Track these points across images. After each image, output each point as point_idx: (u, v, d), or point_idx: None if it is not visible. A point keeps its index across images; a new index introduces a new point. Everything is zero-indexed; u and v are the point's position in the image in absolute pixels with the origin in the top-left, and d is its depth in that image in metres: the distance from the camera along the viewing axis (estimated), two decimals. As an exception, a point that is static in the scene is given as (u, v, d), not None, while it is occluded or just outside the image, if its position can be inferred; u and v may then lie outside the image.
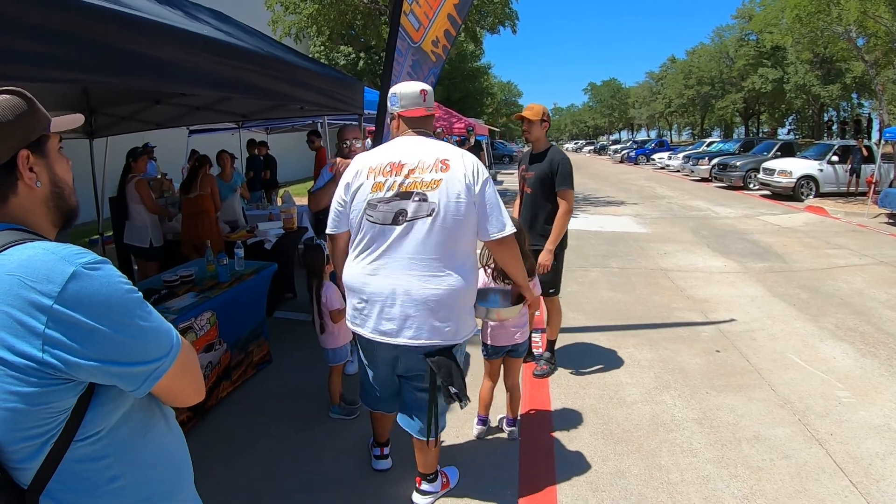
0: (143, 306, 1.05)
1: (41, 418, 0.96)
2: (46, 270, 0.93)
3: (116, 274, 1.03)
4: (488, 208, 2.33)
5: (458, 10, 4.94)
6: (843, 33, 17.23)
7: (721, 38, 46.11)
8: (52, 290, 0.92)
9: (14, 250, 0.97)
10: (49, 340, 0.91)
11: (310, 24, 17.11)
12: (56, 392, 0.95)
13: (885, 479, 2.94)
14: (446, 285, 2.33)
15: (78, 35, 1.97)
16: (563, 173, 3.90)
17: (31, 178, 1.08)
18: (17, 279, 0.92)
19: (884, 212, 11.62)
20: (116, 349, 0.98)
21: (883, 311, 5.61)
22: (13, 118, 1.05)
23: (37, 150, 1.10)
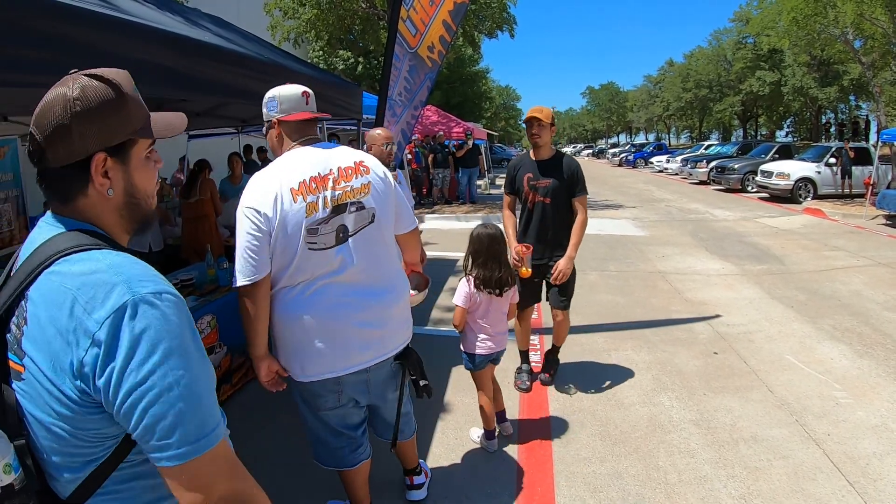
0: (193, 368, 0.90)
1: (87, 442, 0.89)
2: (103, 293, 0.85)
3: (178, 314, 0.90)
4: (399, 205, 2.33)
5: (453, 16, 4.98)
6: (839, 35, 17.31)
7: (719, 41, 46.28)
8: (102, 316, 0.83)
9: (77, 259, 0.89)
10: (86, 366, 0.84)
11: (308, 29, 17.18)
12: (99, 419, 0.88)
13: (883, 478, 2.96)
14: (400, 287, 2.33)
15: (78, 42, 1.99)
16: (582, 180, 3.78)
17: (104, 186, 0.97)
18: (72, 296, 0.85)
19: (882, 213, 11.65)
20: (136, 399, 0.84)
21: (881, 313, 5.63)
22: (97, 113, 0.93)
23: (117, 154, 0.97)
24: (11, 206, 4.29)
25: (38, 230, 0.98)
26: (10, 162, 4.27)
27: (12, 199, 4.31)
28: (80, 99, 0.92)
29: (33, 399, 0.89)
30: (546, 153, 3.80)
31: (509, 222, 3.99)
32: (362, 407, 2.41)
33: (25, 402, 0.90)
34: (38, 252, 0.92)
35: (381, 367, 2.29)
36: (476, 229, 3.15)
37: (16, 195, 4.33)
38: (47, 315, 0.86)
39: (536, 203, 3.80)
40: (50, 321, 0.85)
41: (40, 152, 0.93)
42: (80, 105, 0.91)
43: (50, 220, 0.99)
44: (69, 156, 0.93)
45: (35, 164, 0.97)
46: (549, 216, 3.78)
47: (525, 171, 3.84)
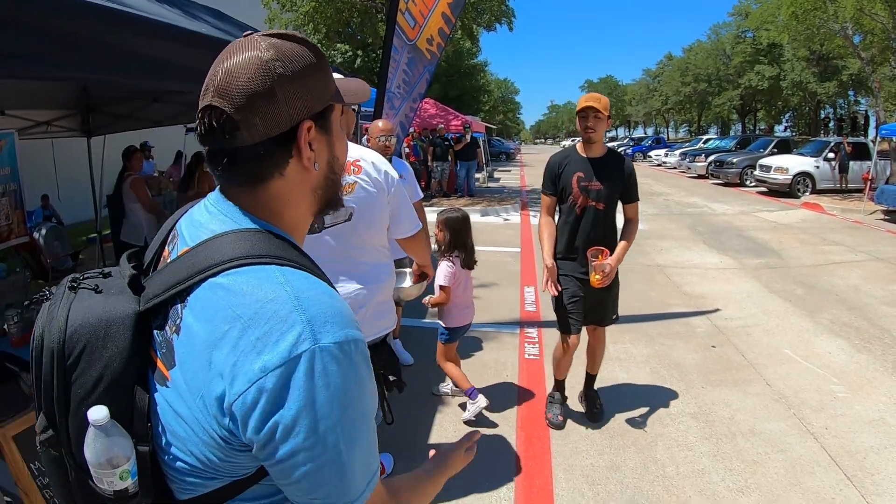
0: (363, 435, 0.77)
1: (229, 468, 0.78)
2: (279, 333, 0.70)
3: (358, 368, 0.76)
4: (396, 207, 2.36)
5: (452, 8, 4.96)
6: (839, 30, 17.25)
7: (718, 35, 46.19)
8: (272, 361, 0.69)
9: (254, 277, 0.75)
10: (238, 410, 0.71)
11: (306, 22, 17.11)
12: (240, 456, 0.76)
13: (880, 472, 2.97)
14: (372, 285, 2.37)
15: (76, 33, 1.98)
16: (637, 184, 3.31)
17: (310, 159, 0.84)
18: (241, 326, 0.71)
19: (880, 208, 11.66)
20: (291, 465, 0.73)
21: (878, 307, 5.65)
22: (301, 74, 0.80)
23: (320, 122, 0.85)
24: (9, 201, 4.26)
25: (208, 214, 0.85)
26: (8, 156, 4.24)
27: (10, 194, 4.28)
28: (279, 60, 0.78)
29: (174, 412, 0.78)
30: (599, 150, 3.25)
31: (547, 230, 3.31)
32: None
33: (165, 410, 0.79)
34: (207, 249, 0.79)
35: None
36: (447, 216, 3.47)
37: (13, 189, 4.30)
38: (205, 335, 0.74)
39: (588, 208, 3.21)
40: (206, 345, 0.73)
41: (231, 126, 0.78)
42: (281, 67, 0.78)
43: (222, 205, 0.85)
44: (271, 127, 0.79)
45: (217, 142, 0.81)
46: (601, 224, 3.22)
47: (574, 170, 3.23)
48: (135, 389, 0.79)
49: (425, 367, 4.12)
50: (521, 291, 6.39)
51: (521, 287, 6.57)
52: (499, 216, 12.41)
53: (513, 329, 5.15)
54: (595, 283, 3.08)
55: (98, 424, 0.73)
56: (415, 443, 3.31)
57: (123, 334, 0.78)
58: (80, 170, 6.43)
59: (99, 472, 0.76)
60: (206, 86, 0.80)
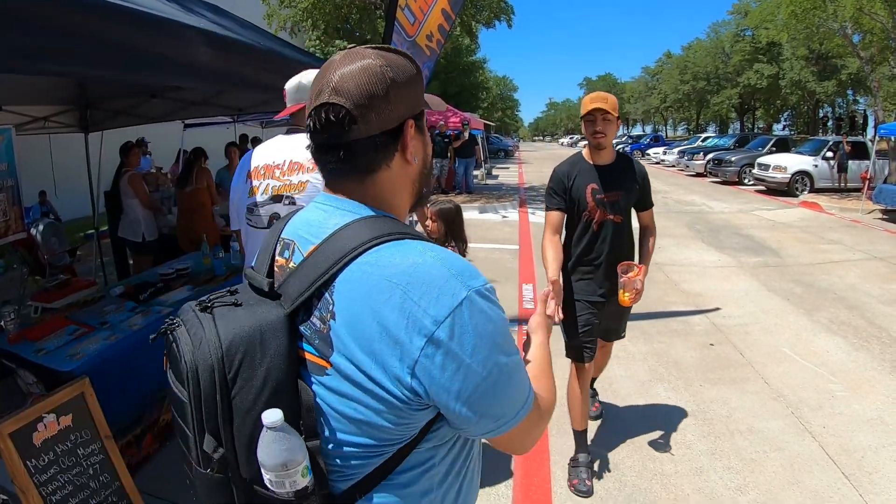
0: (515, 353, 0.89)
1: (395, 435, 0.86)
2: (436, 288, 0.80)
3: (501, 308, 0.88)
4: None
5: (452, 5, 4.95)
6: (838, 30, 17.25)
7: (717, 33, 46.11)
8: (438, 313, 0.79)
9: (395, 250, 0.85)
10: (420, 366, 0.79)
11: (305, 18, 17.07)
12: (416, 414, 0.85)
13: (878, 471, 2.97)
14: None
15: (73, 29, 1.96)
16: (650, 188, 3.01)
17: (412, 153, 0.95)
18: (401, 291, 0.80)
19: (878, 208, 11.67)
20: (476, 394, 0.83)
21: (876, 306, 5.65)
22: (406, 80, 0.92)
23: (418, 122, 0.97)
24: (6, 197, 4.23)
25: (322, 213, 0.95)
26: (5, 151, 4.21)
27: (7, 190, 4.25)
28: (389, 66, 0.90)
29: (340, 395, 0.84)
30: (609, 156, 2.85)
31: (553, 250, 2.76)
32: None
33: (328, 398, 0.85)
34: (339, 240, 0.87)
35: None
36: (440, 207, 3.33)
37: (10, 185, 4.27)
38: (367, 310, 0.81)
39: (605, 223, 2.83)
40: (372, 317, 0.80)
41: (349, 120, 0.88)
42: (391, 72, 0.90)
43: (336, 201, 0.95)
44: (383, 123, 0.90)
45: (334, 135, 0.90)
46: (621, 238, 2.88)
47: (586, 181, 2.82)
48: (298, 387, 0.85)
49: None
50: (520, 289, 6.39)
51: (520, 284, 6.57)
52: (497, 213, 12.41)
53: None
54: (626, 301, 2.71)
55: (275, 426, 0.77)
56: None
57: (279, 337, 0.84)
58: (77, 166, 6.40)
59: (280, 475, 0.79)
60: (321, 88, 0.90)
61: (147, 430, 3.11)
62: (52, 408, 2.29)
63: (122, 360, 2.90)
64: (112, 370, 2.80)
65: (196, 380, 0.81)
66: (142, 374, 3.08)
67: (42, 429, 2.23)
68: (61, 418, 2.31)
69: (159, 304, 3.46)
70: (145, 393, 3.11)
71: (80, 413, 2.38)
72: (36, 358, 2.77)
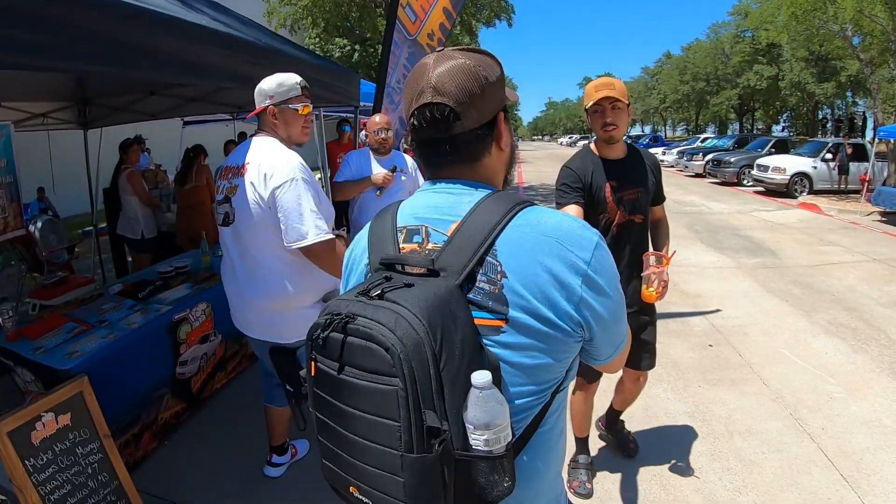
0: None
1: (556, 374, 0.99)
2: (577, 236, 0.96)
3: None
4: (282, 216, 2.22)
5: (454, 3, 4.94)
6: (838, 31, 17.23)
7: (717, 34, 46.06)
8: (586, 255, 0.95)
9: (535, 213, 0.99)
10: (582, 301, 0.94)
11: (305, 16, 17.05)
12: (573, 348, 0.99)
13: (876, 473, 2.97)
14: (258, 291, 2.39)
15: (75, 25, 1.95)
16: (662, 178, 2.71)
17: (505, 141, 1.08)
18: (556, 243, 0.94)
19: (877, 210, 11.69)
20: (615, 316, 1.01)
21: (875, 308, 5.66)
22: (496, 78, 1.03)
23: (506, 115, 1.09)
24: (5, 193, 4.23)
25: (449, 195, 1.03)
26: (4, 148, 4.20)
27: (5, 186, 4.24)
28: (481, 66, 1.00)
29: (516, 349, 0.94)
30: (621, 149, 2.57)
31: None
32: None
33: (504, 354, 0.94)
34: (482, 212, 0.97)
35: (253, 341, 2.62)
36: None
37: (9, 182, 4.26)
38: (534, 262, 0.93)
39: (625, 225, 2.54)
40: (539, 267, 0.93)
41: (454, 117, 0.98)
42: (484, 71, 1.00)
43: (458, 184, 1.05)
44: (481, 117, 1.01)
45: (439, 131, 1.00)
46: (641, 240, 2.63)
47: (603, 179, 2.51)
48: (483, 349, 0.92)
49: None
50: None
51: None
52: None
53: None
54: (651, 296, 2.45)
55: (487, 387, 0.82)
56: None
57: (462, 304, 0.91)
58: (76, 162, 6.39)
59: (497, 431, 0.83)
60: (421, 89, 0.99)
61: (145, 428, 3.10)
62: (50, 406, 2.28)
63: (120, 359, 2.89)
64: (110, 368, 2.79)
65: (408, 359, 0.81)
66: (140, 372, 3.08)
67: (40, 427, 2.23)
68: (60, 417, 2.30)
69: (158, 302, 3.45)
70: (144, 391, 3.11)
71: (78, 412, 2.38)
72: (34, 356, 2.76)
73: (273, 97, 2.36)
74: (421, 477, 0.83)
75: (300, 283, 2.38)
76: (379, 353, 0.82)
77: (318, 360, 0.93)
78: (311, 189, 2.26)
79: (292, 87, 2.39)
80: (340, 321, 0.87)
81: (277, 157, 2.27)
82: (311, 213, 2.22)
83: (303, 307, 2.41)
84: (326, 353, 0.90)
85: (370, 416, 0.86)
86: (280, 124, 2.40)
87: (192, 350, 3.46)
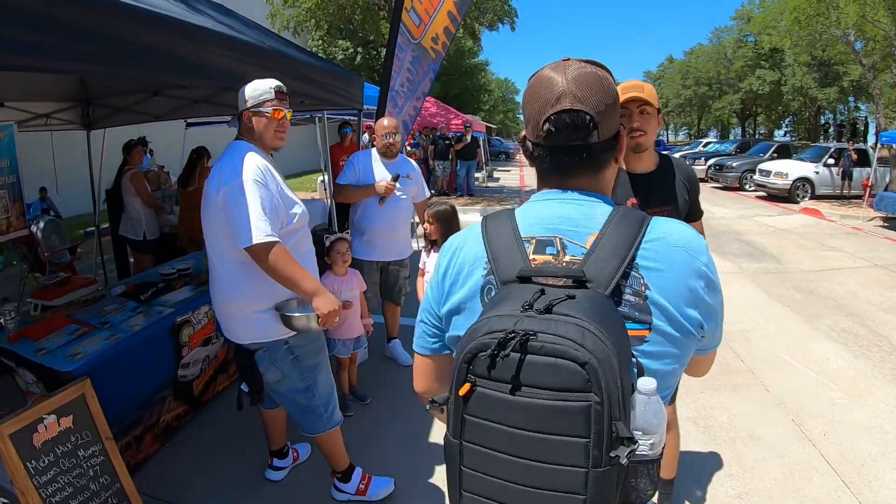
0: None
1: (677, 378, 1.06)
2: (697, 244, 1.01)
3: None
4: (228, 217, 2.21)
5: (458, 7, 4.94)
6: (841, 37, 17.25)
7: (719, 39, 46.14)
8: (705, 258, 1.00)
9: (660, 225, 1.01)
10: (704, 302, 0.99)
11: (308, 18, 17.06)
12: (692, 350, 1.04)
13: (878, 479, 2.97)
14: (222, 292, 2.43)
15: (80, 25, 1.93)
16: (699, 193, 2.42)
17: (622, 153, 1.10)
18: (685, 251, 0.99)
19: (879, 215, 11.68)
20: (722, 307, 1.06)
21: (877, 314, 5.65)
22: (617, 91, 1.05)
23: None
24: (7, 194, 4.23)
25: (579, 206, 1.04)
26: (7, 148, 4.21)
27: (8, 186, 4.25)
28: (609, 79, 1.04)
29: (656, 357, 0.97)
30: (650, 161, 2.35)
31: None
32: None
33: (646, 363, 0.96)
34: (621, 224, 0.99)
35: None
36: (436, 209, 3.50)
37: (12, 182, 4.27)
38: (671, 273, 0.97)
39: None
40: (675, 277, 0.97)
41: (593, 126, 0.99)
42: (613, 84, 1.04)
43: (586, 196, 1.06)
44: (611, 128, 1.04)
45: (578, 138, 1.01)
46: None
47: (625, 194, 2.27)
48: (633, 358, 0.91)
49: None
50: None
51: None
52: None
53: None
54: None
55: (653, 393, 0.85)
56: (416, 440, 3.30)
57: (619, 315, 0.92)
58: (79, 163, 6.39)
59: (661, 436, 0.86)
60: (558, 95, 0.99)
61: (147, 430, 3.10)
62: (52, 409, 2.28)
63: (123, 361, 2.89)
64: (113, 370, 2.79)
65: (604, 373, 0.78)
66: (142, 374, 3.07)
67: (42, 430, 2.23)
68: (62, 419, 2.30)
69: (161, 304, 3.45)
70: (145, 393, 3.10)
71: (80, 414, 2.38)
72: (36, 357, 2.75)
73: (247, 101, 2.39)
74: (603, 490, 0.80)
75: (251, 287, 2.35)
76: (571, 369, 0.78)
77: (477, 384, 0.84)
78: (261, 190, 2.21)
79: (265, 91, 2.39)
80: (520, 339, 0.80)
81: (233, 159, 2.28)
82: (255, 215, 2.17)
83: (254, 311, 2.38)
84: (495, 375, 0.82)
85: (553, 437, 0.80)
86: (254, 129, 2.41)
87: (194, 353, 3.46)
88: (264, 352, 2.46)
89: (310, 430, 2.65)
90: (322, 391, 2.61)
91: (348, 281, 3.54)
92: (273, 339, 2.43)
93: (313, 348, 2.58)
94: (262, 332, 2.41)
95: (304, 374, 2.53)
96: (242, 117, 2.41)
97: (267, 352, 2.46)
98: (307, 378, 2.55)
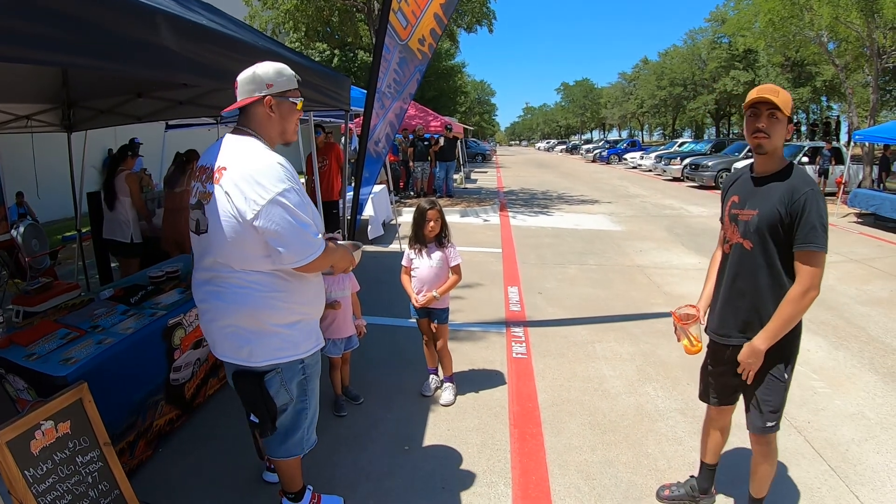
0: None
1: None
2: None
3: None
4: (273, 237, 1.98)
5: (445, 9, 4.98)
6: (814, 38, 17.64)
7: (694, 40, 46.83)
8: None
9: None
10: None
11: (286, 20, 16.99)
12: None
13: (862, 463, 3.07)
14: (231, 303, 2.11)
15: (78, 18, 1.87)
16: (815, 217, 2.11)
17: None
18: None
19: (853, 211, 11.97)
20: None
21: (854, 307, 5.80)
22: None
23: None
24: (-12, 197, 4.17)
25: None
26: (-14, 151, 4.15)
27: (-12, 190, 4.19)
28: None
29: None
30: (772, 164, 2.27)
31: (711, 267, 2.65)
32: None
33: None
34: None
35: (225, 364, 2.35)
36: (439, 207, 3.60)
37: (-8, 185, 4.22)
38: None
39: (735, 246, 2.35)
40: None
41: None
42: None
43: None
44: None
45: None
46: (748, 272, 2.32)
47: (733, 192, 2.39)
48: None
49: (420, 366, 4.14)
50: (505, 291, 6.43)
51: (505, 287, 6.60)
52: (478, 217, 12.45)
53: (499, 329, 5.17)
54: (685, 347, 2.58)
55: None
56: (409, 442, 3.32)
57: None
58: (59, 166, 6.29)
59: None
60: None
61: (140, 436, 3.07)
62: (49, 414, 2.21)
63: (116, 365, 2.85)
64: (107, 375, 2.75)
65: None
66: (135, 378, 3.04)
67: (40, 436, 2.16)
68: (59, 425, 2.24)
69: (153, 306, 3.43)
70: (139, 398, 3.07)
71: (78, 420, 2.32)
72: (27, 363, 2.69)
73: (271, 86, 2.08)
74: None
75: (282, 300, 2.14)
76: None
77: None
78: (296, 197, 2.01)
79: (290, 77, 2.13)
80: None
81: (258, 165, 1.99)
82: (304, 230, 2.01)
83: (281, 325, 2.16)
84: None
85: None
86: (276, 119, 2.12)
87: (185, 355, 3.43)
88: (276, 373, 2.22)
89: (284, 455, 2.43)
90: (311, 414, 2.45)
91: (339, 281, 3.53)
92: (292, 358, 2.22)
93: (317, 370, 2.41)
94: (283, 350, 2.19)
95: (304, 396, 2.36)
96: (261, 104, 2.10)
97: (280, 373, 2.23)
98: (305, 400, 2.37)
